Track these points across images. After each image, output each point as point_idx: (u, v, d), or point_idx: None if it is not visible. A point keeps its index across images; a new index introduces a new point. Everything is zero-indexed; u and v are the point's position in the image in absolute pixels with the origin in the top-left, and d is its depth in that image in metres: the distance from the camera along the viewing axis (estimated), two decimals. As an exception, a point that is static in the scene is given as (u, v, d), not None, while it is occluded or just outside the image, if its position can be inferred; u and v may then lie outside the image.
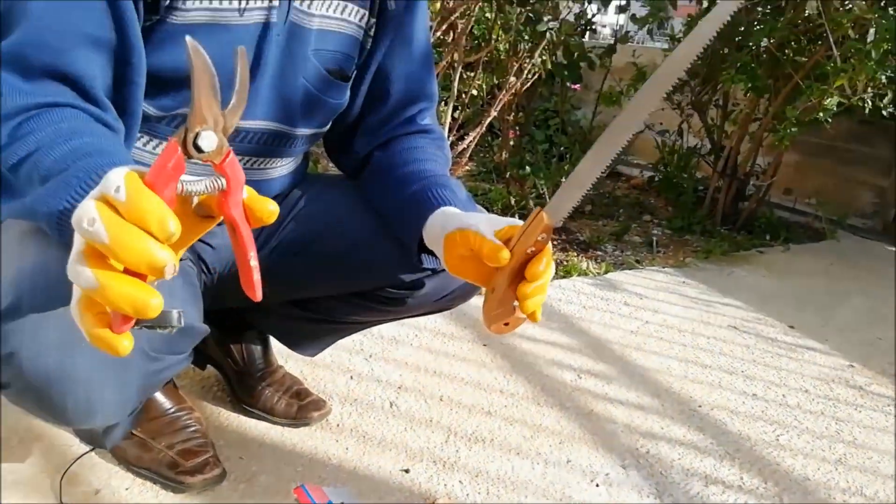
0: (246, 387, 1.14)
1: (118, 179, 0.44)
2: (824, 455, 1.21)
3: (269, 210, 0.50)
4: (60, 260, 0.53)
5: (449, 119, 2.15)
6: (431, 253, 0.81)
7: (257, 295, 0.51)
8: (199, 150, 0.45)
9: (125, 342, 0.46)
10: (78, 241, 0.46)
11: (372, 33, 0.87)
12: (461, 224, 0.72)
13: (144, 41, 0.70)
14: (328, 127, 0.93)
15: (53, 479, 0.95)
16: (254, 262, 0.50)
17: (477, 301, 1.02)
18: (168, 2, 0.69)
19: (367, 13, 0.85)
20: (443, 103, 2.08)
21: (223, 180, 0.47)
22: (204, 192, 0.47)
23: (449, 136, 2.12)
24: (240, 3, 0.73)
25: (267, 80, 0.79)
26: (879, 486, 1.13)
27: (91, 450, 1.00)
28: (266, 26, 0.76)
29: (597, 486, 1.07)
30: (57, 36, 0.63)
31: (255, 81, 0.78)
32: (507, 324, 0.71)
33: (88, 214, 0.44)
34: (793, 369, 1.53)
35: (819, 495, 1.10)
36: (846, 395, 1.43)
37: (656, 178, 3.07)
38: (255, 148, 0.85)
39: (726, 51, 2.45)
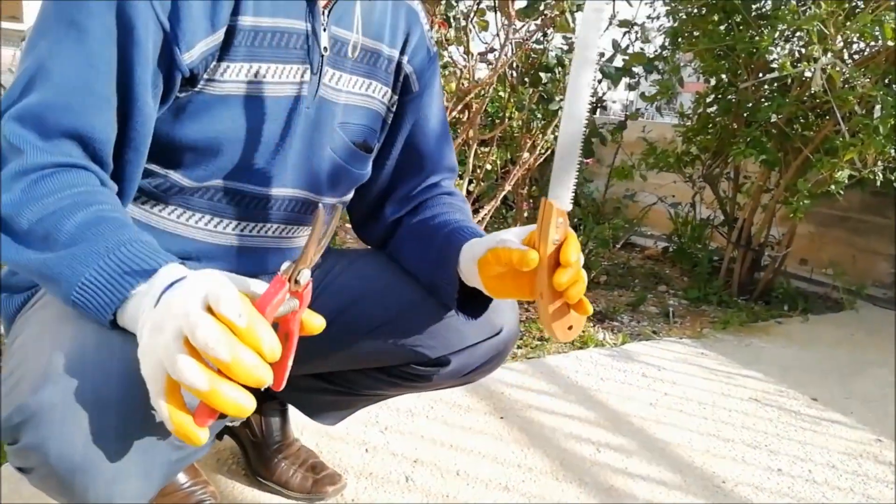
0: (262, 458, 1.14)
1: (234, 303, 0.51)
2: (856, 534, 1.16)
3: (318, 325, 0.59)
4: (99, 344, 0.59)
5: (464, 193, 2.20)
6: (470, 311, 0.84)
7: (280, 387, 0.57)
8: (296, 283, 0.55)
9: (203, 434, 0.52)
10: (176, 338, 0.51)
11: (394, 109, 0.92)
12: (489, 244, 0.75)
13: (181, 113, 0.73)
14: (349, 197, 0.96)
15: (66, 555, 0.93)
16: (290, 364, 0.58)
17: (493, 374, 1.02)
18: (207, 74, 0.73)
19: (390, 90, 0.90)
20: (458, 177, 2.13)
21: (297, 302, 0.57)
22: (283, 314, 0.56)
23: (464, 209, 2.16)
24: (273, 77, 0.77)
25: (296, 149, 0.82)
26: (916, 568, 1.08)
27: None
28: (297, 99, 0.80)
29: (619, 565, 1.03)
30: (76, 99, 0.66)
31: (285, 151, 0.81)
32: (570, 327, 0.73)
33: (204, 330, 0.50)
34: (818, 443, 1.49)
35: (853, 577, 1.05)
36: (875, 471, 1.39)
37: (670, 249, 3.09)
38: (284, 215, 0.88)
39: (735, 126, 2.50)
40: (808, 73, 2.01)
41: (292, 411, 1.17)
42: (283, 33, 0.76)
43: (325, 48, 0.80)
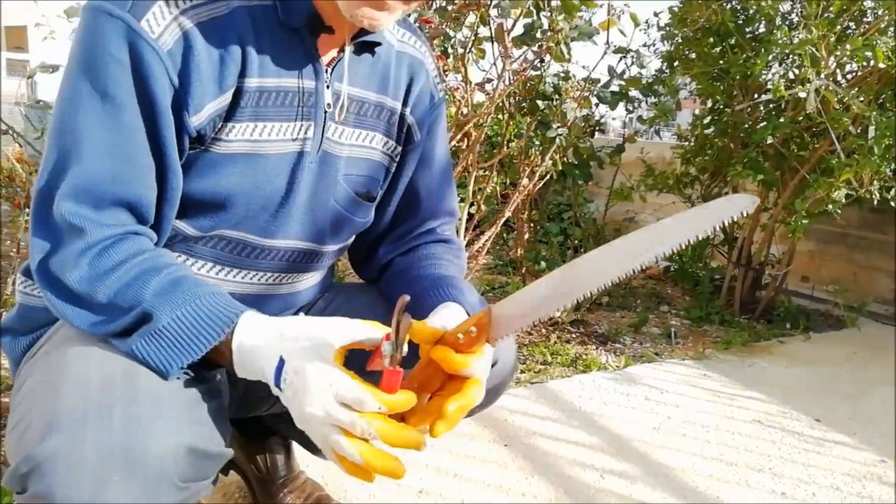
0: (268, 493, 1.15)
1: (370, 402, 0.63)
2: (860, 559, 1.17)
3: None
4: (103, 390, 0.64)
5: (465, 217, 2.22)
6: None
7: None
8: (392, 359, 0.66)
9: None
10: (330, 428, 0.64)
11: (398, 159, 0.94)
12: (439, 323, 0.74)
13: (188, 169, 0.76)
14: (350, 242, 0.98)
15: None
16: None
17: (498, 402, 1.03)
18: (213, 134, 0.76)
19: (393, 142, 0.92)
20: (460, 201, 2.15)
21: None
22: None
23: (466, 234, 2.18)
24: (278, 135, 0.80)
25: (300, 202, 0.84)
26: None
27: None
28: (301, 155, 0.82)
29: None
30: (122, 169, 0.71)
31: (289, 204, 0.83)
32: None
33: (356, 429, 0.64)
34: (822, 465, 1.50)
35: None
36: (880, 493, 1.39)
37: (672, 268, 3.10)
38: (286, 265, 0.90)
39: (732, 146, 2.53)
40: (802, 95, 2.03)
41: (296, 445, 1.19)
42: (286, 92, 0.79)
43: (329, 104, 0.82)
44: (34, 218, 0.72)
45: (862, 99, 2.07)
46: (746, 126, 2.44)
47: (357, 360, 0.70)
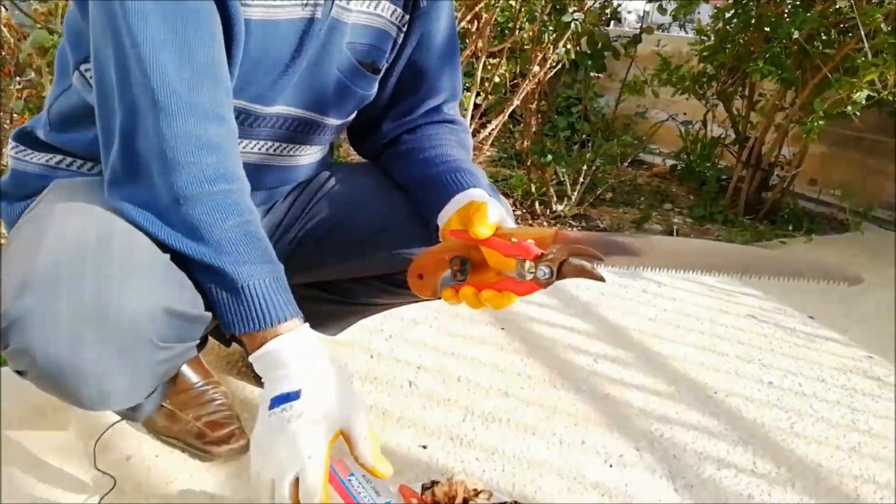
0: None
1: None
2: (838, 443, 1.21)
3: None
4: (76, 254, 0.66)
5: (472, 106, 2.16)
6: None
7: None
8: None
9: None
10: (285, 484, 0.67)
11: (405, 29, 0.90)
12: (472, 197, 0.79)
13: None
14: (352, 118, 0.95)
15: (87, 445, 0.99)
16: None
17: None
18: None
19: (400, 10, 0.88)
20: (466, 90, 2.09)
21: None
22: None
23: (471, 123, 2.14)
24: (292, 1, 0.77)
25: (303, 69, 0.82)
26: (893, 475, 1.13)
27: (121, 420, 1.04)
28: (311, 21, 0.79)
29: (610, 466, 1.09)
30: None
31: (291, 72, 0.81)
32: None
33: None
34: (810, 359, 1.53)
35: (831, 481, 1.11)
36: (864, 386, 1.43)
37: (678, 167, 3.06)
38: (286, 134, 0.88)
39: (754, 42, 2.42)
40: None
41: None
42: None
43: None
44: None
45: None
46: (772, 19, 2.32)
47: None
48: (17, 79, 1.72)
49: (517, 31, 2.17)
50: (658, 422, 1.22)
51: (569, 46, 2.16)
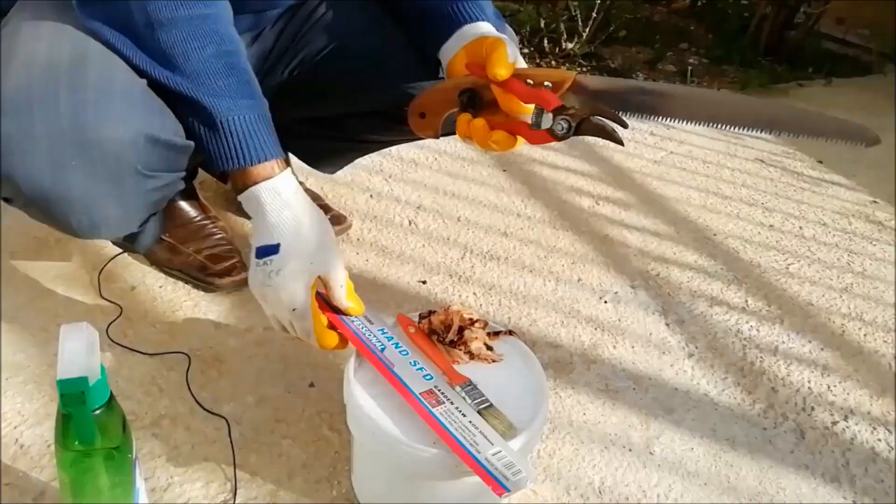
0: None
1: (309, 333, 0.72)
2: (831, 283, 1.23)
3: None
4: (48, 75, 0.63)
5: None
6: None
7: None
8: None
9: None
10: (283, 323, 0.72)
11: None
12: (483, 33, 0.73)
13: None
14: None
15: (92, 277, 1.01)
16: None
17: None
18: None
19: None
20: None
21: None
22: None
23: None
24: None
25: None
26: (879, 313, 1.16)
27: (123, 252, 1.06)
28: None
29: (605, 302, 1.11)
30: None
31: None
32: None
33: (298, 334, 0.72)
34: (814, 203, 1.52)
35: (819, 319, 1.14)
36: (864, 230, 1.43)
37: (699, 3, 2.87)
38: None
39: None
40: None
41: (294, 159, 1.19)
42: None
43: None
44: None
45: None
46: None
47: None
48: None
49: None
50: (655, 261, 1.23)
51: None
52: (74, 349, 0.51)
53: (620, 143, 0.67)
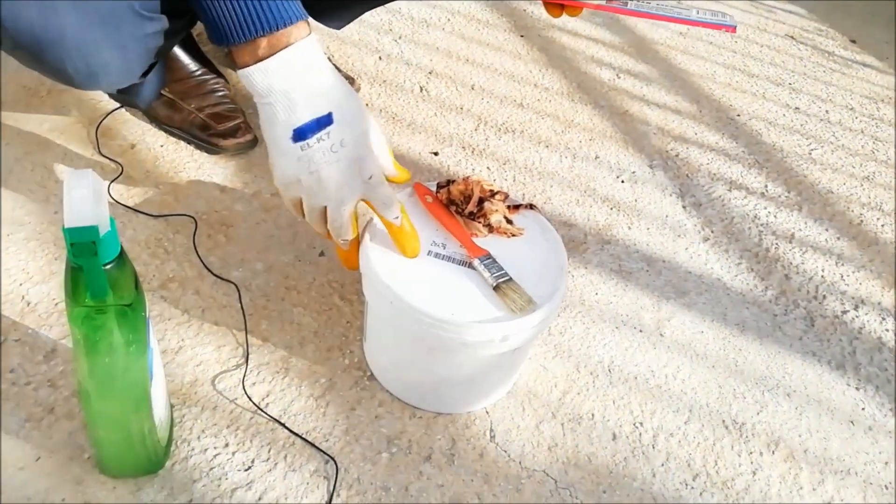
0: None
1: (348, 232, 0.64)
2: (853, 171, 1.20)
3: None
4: None
5: None
6: None
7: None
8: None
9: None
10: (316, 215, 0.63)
11: None
12: None
13: None
14: None
15: (89, 133, 0.96)
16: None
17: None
18: None
19: None
20: None
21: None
22: None
23: None
24: None
25: None
26: (901, 204, 1.14)
27: (121, 107, 1.00)
28: None
29: (622, 182, 1.08)
30: None
31: None
32: None
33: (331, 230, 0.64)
34: (843, 85, 1.45)
35: (838, 207, 1.11)
36: (892, 116, 1.38)
37: None
38: None
39: None
40: None
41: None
42: None
43: None
44: None
45: None
46: None
47: None
48: None
49: None
50: (675, 141, 1.19)
51: None
52: (81, 196, 0.45)
53: None
